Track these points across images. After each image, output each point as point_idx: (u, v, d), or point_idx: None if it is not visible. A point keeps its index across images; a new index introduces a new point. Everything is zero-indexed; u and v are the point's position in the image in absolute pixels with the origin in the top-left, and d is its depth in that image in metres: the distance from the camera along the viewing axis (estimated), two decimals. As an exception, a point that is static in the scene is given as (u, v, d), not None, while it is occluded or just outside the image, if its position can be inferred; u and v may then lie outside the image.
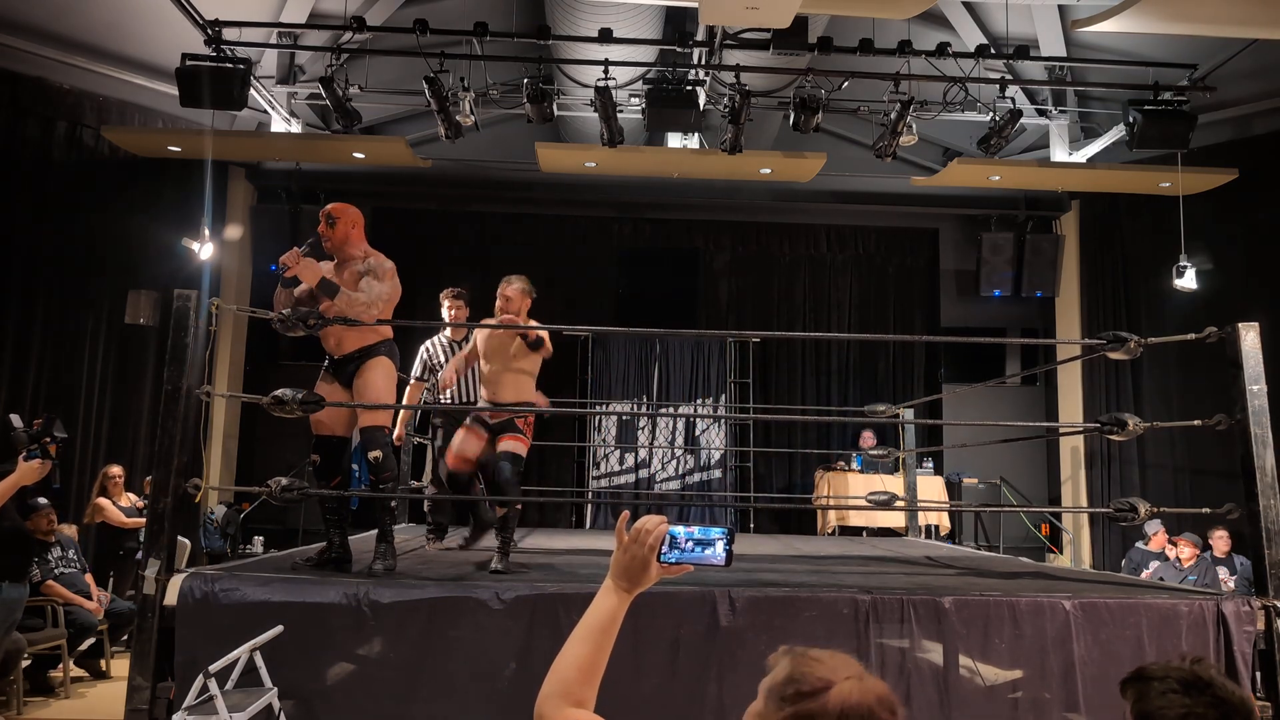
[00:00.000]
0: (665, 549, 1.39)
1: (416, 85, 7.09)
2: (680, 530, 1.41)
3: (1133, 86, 7.45)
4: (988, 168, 8.19)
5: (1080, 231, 9.55)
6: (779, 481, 9.86)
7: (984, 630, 3.31)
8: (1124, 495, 5.82)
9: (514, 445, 4.31)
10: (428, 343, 5.43)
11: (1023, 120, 7.91)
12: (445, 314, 5.25)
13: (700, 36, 7.51)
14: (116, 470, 6.54)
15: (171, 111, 7.80)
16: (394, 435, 5.23)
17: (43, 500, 5.78)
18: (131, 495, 6.55)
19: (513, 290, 4.33)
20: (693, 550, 1.40)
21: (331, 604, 3.21)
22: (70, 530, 6.13)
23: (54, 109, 7.40)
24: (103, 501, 6.37)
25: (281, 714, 3.04)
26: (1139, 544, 7.55)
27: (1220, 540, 6.98)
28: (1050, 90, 8.45)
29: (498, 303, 4.36)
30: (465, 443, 4.46)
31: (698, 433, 9.72)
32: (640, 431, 9.67)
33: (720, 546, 1.40)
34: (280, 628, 3.05)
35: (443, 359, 5.29)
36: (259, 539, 8.11)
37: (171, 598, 3.18)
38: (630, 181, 8.89)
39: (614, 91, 7.16)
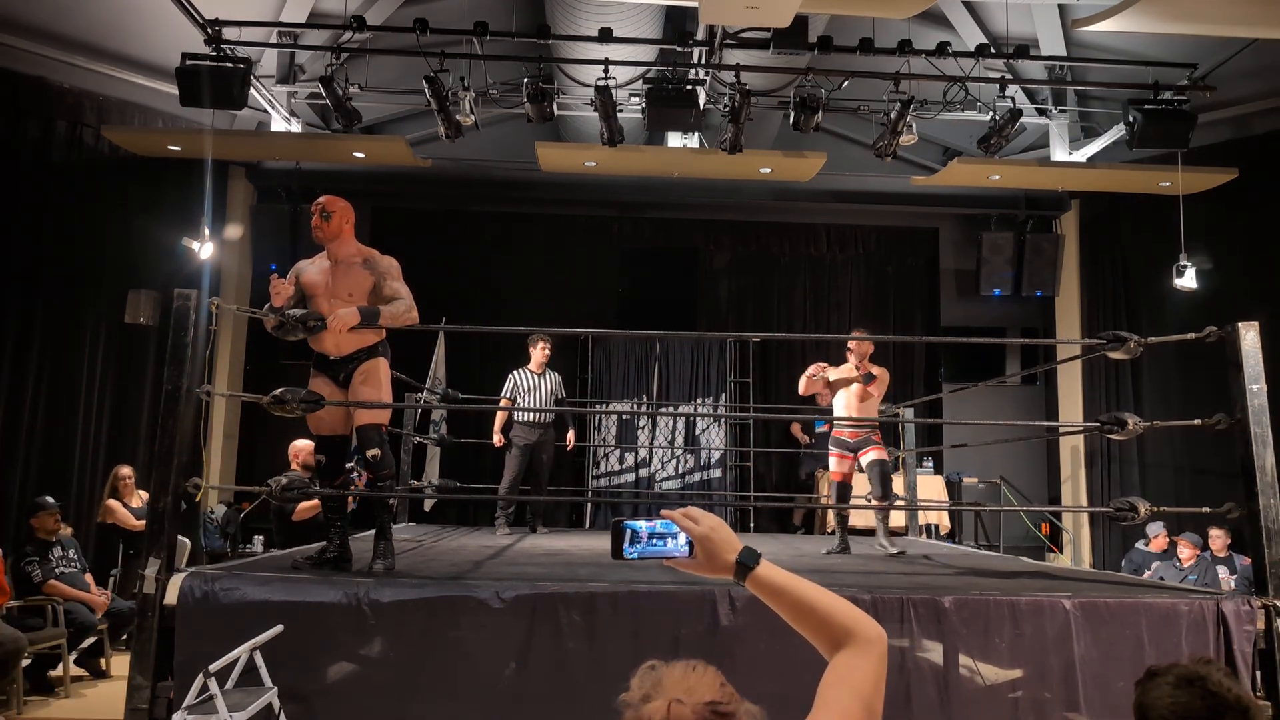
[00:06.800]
0: (626, 545, 1.37)
1: (416, 85, 7.09)
2: (641, 524, 1.37)
3: (1133, 86, 7.44)
4: (988, 167, 8.19)
5: (1080, 231, 9.55)
6: (779, 481, 9.86)
7: (984, 630, 3.31)
8: (1124, 495, 5.82)
9: (878, 453, 5.70)
10: (515, 372, 6.69)
11: (1023, 120, 7.91)
12: (538, 354, 6.63)
13: (700, 36, 7.51)
14: (127, 471, 6.55)
15: (171, 111, 7.79)
16: (495, 440, 6.72)
17: (49, 500, 5.79)
18: (143, 494, 6.55)
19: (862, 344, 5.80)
20: (654, 544, 1.37)
21: (331, 604, 3.21)
22: (67, 531, 6.13)
23: (54, 109, 7.38)
24: (113, 503, 6.38)
25: (281, 714, 3.04)
26: (1139, 544, 7.55)
27: (1217, 539, 6.98)
28: (1050, 90, 8.45)
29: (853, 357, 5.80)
30: (839, 464, 5.89)
31: (698, 432, 9.72)
32: (640, 431, 9.67)
33: (684, 538, 1.36)
34: (280, 627, 3.05)
35: (525, 385, 6.63)
36: (259, 539, 8.10)
37: (171, 597, 3.18)
38: (630, 181, 8.88)
39: (614, 91, 7.16)
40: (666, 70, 7.55)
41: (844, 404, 5.89)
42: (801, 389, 5.87)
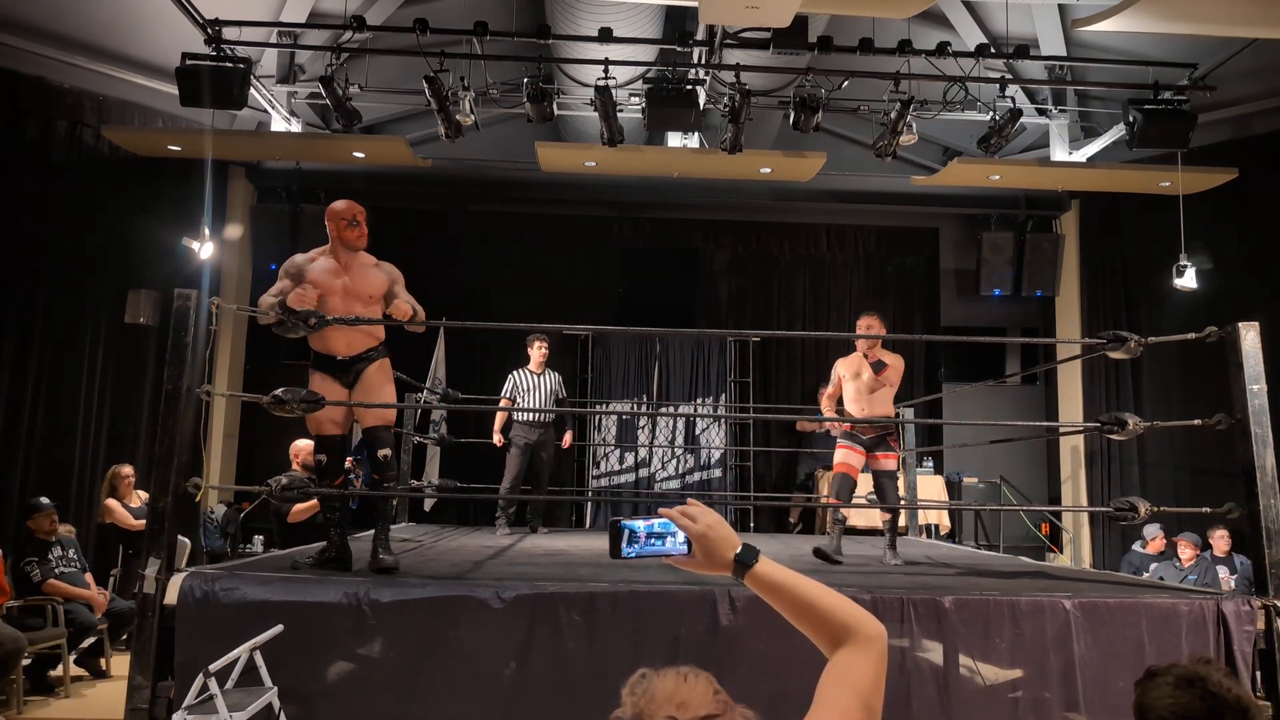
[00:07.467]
0: (624, 544, 1.36)
1: (416, 85, 7.09)
2: (639, 524, 1.37)
3: (1133, 86, 7.44)
4: (988, 167, 8.19)
5: (1080, 231, 9.54)
6: (779, 481, 9.86)
7: (984, 630, 3.31)
8: (1124, 494, 5.82)
9: (889, 463, 5.18)
10: (515, 372, 6.71)
11: (1023, 120, 7.90)
12: (536, 353, 6.63)
13: (700, 36, 7.51)
14: (127, 470, 6.54)
15: (171, 111, 7.79)
16: (495, 440, 6.73)
17: (45, 500, 5.78)
18: (142, 494, 6.54)
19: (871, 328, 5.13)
20: (653, 543, 1.37)
21: (331, 604, 3.21)
22: (67, 530, 6.12)
23: (54, 109, 7.38)
24: (112, 503, 6.37)
25: (281, 714, 3.04)
26: (1136, 546, 7.55)
27: (1220, 540, 6.98)
28: (1050, 90, 8.45)
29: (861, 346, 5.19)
30: (847, 456, 5.22)
31: (698, 432, 9.73)
32: (640, 431, 9.67)
33: (682, 536, 1.36)
34: (280, 627, 3.05)
35: (525, 385, 6.64)
36: (259, 539, 8.10)
37: (171, 597, 3.18)
38: (630, 181, 8.88)
39: (614, 91, 7.16)
40: (666, 70, 7.55)
41: (853, 394, 5.25)
42: (825, 409, 5.55)
